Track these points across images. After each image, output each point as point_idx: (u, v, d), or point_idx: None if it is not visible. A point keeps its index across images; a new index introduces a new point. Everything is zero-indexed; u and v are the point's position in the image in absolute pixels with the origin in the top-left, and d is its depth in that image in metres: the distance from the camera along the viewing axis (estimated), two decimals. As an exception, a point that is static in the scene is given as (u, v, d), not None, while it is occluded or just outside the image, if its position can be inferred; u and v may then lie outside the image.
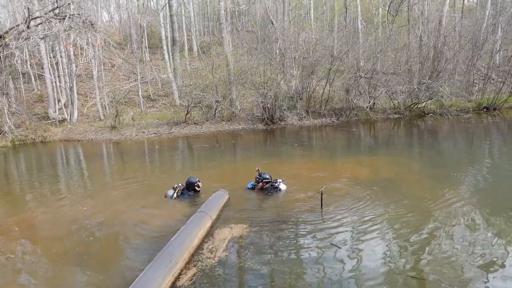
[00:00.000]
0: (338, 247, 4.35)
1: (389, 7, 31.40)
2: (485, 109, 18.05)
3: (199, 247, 4.45)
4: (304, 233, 4.83)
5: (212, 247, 4.44)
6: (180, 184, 6.63)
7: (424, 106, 18.02)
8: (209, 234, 4.83)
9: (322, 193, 5.57)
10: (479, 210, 5.33)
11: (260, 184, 6.52)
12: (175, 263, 3.85)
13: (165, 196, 6.51)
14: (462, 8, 30.10)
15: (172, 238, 4.32)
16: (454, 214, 5.21)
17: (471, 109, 18.06)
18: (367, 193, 6.32)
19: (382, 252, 4.22)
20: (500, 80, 19.63)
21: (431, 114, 17.45)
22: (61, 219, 5.87)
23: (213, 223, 5.07)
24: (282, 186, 6.56)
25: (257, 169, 6.68)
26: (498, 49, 21.88)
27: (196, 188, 6.53)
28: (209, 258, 4.18)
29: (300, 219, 5.24)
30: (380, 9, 31.72)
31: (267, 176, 6.53)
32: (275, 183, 6.55)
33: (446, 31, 19.60)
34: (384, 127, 15.90)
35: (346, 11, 29.55)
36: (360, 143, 12.64)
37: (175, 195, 6.43)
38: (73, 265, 4.31)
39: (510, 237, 4.42)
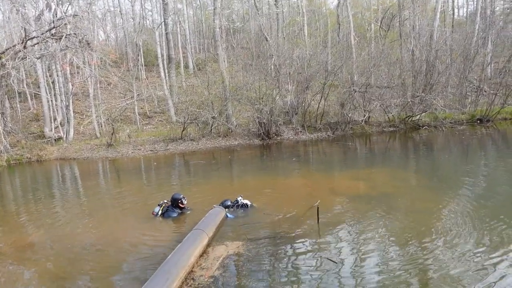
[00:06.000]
0: (335, 262, 4.32)
1: (381, 22, 32.10)
2: (478, 121, 18.20)
3: (195, 265, 4.40)
4: (301, 249, 4.79)
5: (206, 265, 4.39)
6: (166, 201, 6.68)
7: (419, 119, 18.15)
8: (205, 251, 4.78)
9: (317, 207, 5.57)
10: (478, 221, 5.30)
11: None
12: (171, 281, 3.78)
13: (153, 213, 6.54)
14: (452, 23, 30.77)
15: (169, 256, 4.25)
16: (453, 227, 5.19)
17: (464, 121, 18.22)
18: (364, 206, 6.31)
19: (381, 267, 4.19)
20: (492, 92, 19.86)
21: (426, 126, 17.56)
22: (55, 240, 5.80)
23: (210, 240, 5.01)
24: (246, 201, 6.58)
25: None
26: (489, 61, 22.25)
27: (180, 204, 6.53)
28: (202, 276, 4.13)
29: (297, 235, 5.21)
30: (373, 25, 32.35)
31: (229, 203, 6.51)
32: (237, 202, 6.55)
33: (438, 45, 19.93)
34: (379, 140, 15.97)
35: (339, 27, 30.09)
36: (356, 157, 12.67)
37: (160, 212, 6.48)
38: (67, 286, 4.25)
39: (509, 248, 4.41)
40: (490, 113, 18.12)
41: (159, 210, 6.51)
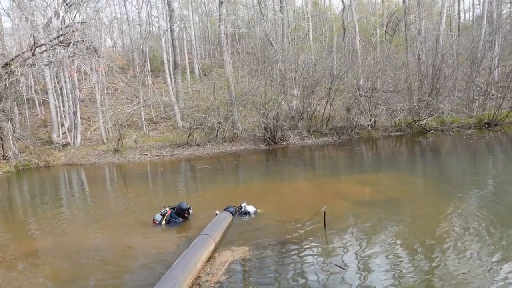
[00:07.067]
0: (343, 268, 4.28)
1: (386, 27, 32.06)
2: (486, 125, 18.01)
3: (201, 270, 4.38)
4: (307, 254, 4.76)
5: (212, 270, 4.37)
6: (167, 209, 6.47)
7: (425, 123, 18.02)
8: (211, 257, 4.76)
9: (324, 213, 5.53)
10: (489, 228, 5.20)
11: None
12: (178, 287, 3.78)
13: (153, 222, 6.35)
14: (459, 27, 30.60)
15: (176, 262, 4.24)
16: (461, 232, 5.11)
17: (472, 125, 18.04)
18: (371, 211, 6.26)
19: (388, 273, 4.14)
20: (500, 95, 19.69)
21: (433, 131, 17.42)
22: (61, 246, 5.82)
23: (216, 246, 4.99)
24: (249, 208, 6.54)
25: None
26: (496, 65, 22.06)
27: (186, 215, 6.44)
28: (208, 281, 4.11)
29: (303, 240, 5.18)
30: (378, 29, 32.32)
31: (232, 209, 6.46)
32: (241, 209, 6.53)
33: (444, 49, 19.82)
34: (386, 144, 15.88)
35: (345, 32, 30.12)
36: (362, 162, 12.61)
37: (163, 222, 6.28)
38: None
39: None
40: (498, 117, 17.94)
41: (162, 219, 6.29)
